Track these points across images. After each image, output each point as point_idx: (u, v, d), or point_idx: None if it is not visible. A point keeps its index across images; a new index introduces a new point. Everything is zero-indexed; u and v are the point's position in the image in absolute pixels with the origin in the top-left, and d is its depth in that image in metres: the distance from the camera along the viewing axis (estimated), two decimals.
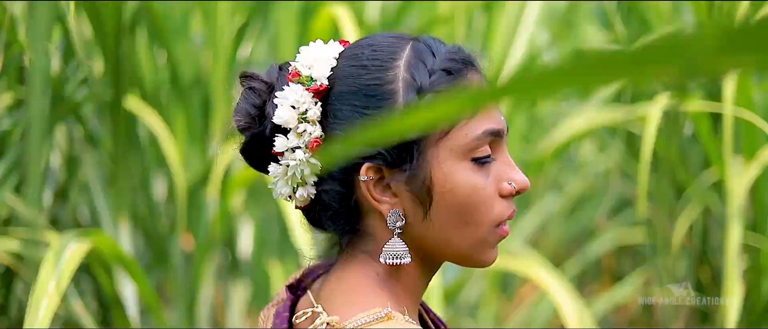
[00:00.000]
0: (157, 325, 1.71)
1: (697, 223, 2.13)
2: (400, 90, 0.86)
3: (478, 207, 0.87)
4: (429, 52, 0.88)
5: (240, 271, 2.01)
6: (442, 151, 0.87)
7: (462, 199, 0.87)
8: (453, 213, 0.87)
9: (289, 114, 0.87)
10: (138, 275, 1.58)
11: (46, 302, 1.23)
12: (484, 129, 0.86)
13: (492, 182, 0.88)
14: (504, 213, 0.89)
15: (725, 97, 1.65)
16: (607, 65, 0.36)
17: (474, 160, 0.87)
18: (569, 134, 2.06)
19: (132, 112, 1.75)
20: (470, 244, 0.89)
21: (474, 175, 0.87)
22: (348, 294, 0.89)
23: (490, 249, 0.91)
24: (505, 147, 0.90)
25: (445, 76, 0.87)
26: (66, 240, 1.36)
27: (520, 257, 1.90)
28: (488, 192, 0.87)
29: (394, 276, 0.90)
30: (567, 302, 1.69)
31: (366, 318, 0.84)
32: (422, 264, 0.91)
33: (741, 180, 1.72)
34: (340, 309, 0.87)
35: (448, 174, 0.87)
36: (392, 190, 0.88)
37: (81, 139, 1.89)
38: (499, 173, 0.88)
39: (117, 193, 1.70)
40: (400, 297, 0.90)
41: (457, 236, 0.88)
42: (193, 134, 1.84)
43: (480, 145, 0.87)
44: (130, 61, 1.71)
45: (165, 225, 1.90)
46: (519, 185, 0.89)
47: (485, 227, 0.88)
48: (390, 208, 0.88)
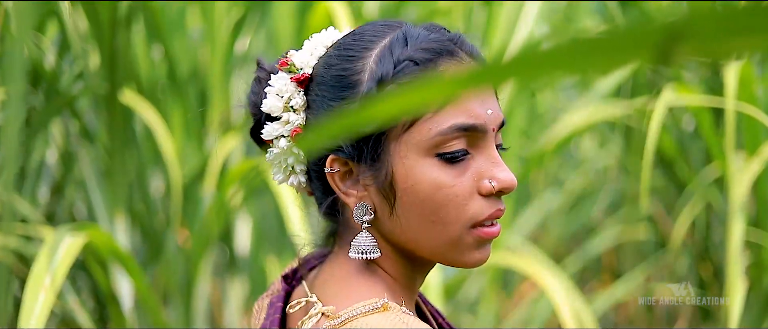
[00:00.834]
0: (153, 322, 1.69)
1: (698, 220, 2.12)
2: (364, 80, 0.84)
3: (445, 206, 0.83)
4: (403, 41, 0.84)
5: (237, 267, 1.99)
6: (405, 146, 0.83)
7: (424, 197, 0.83)
8: (417, 211, 0.84)
9: (274, 102, 0.87)
10: (134, 271, 1.56)
11: (42, 297, 1.21)
12: (450, 124, 0.82)
13: (469, 180, 0.83)
14: (481, 213, 0.83)
15: (727, 91, 1.63)
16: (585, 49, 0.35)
17: (440, 155, 0.82)
18: (569, 129, 2.04)
19: (128, 106, 1.73)
20: (442, 245, 0.85)
21: (439, 172, 0.82)
22: (342, 285, 0.88)
23: (471, 251, 0.85)
24: (489, 142, 0.85)
25: (410, 66, 0.82)
26: (60, 235, 1.34)
27: (519, 254, 1.88)
28: (458, 190, 0.82)
29: (386, 268, 0.88)
30: (566, 300, 1.67)
31: (362, 308, 0.83)
32: (409, 259, 0.88)
33: (743, 175, 1.70)
34: (335, 299, 0.86)
35: (410, 170, 0.83)
36: (361, 183, 0.86)
37: (76, 134, 1.87)
38: (480, 170, 0.84)
39: (113, 188, 1.68)
40: (394, 289, 0.88)
41: (425, 235, 0.85)
42: (190, 128, 1.82)
43: (446, 141, 0.82)
44: (126, 54, 1.69)
45: (162, 220, 1.88)
46: (500, 184, 0.83)
47: (456, 227, 0.83)
48: (357, 201, 0.86)
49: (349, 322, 0.81)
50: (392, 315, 0.82)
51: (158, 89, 1.89)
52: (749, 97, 1.71)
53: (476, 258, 0.86)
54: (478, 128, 0.83)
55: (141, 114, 1.74)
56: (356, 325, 0.81)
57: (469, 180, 0.83)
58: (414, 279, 0.91)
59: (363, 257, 0.86)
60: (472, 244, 0.85)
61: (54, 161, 2.00)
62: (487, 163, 0.84)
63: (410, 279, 0.90)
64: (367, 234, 0.87)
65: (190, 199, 1.82)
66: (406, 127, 0.83)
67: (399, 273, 0.89)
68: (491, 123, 0.84)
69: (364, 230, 0.87)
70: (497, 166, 0.84)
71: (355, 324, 0.81)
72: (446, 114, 0.82)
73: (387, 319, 0.81)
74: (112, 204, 1.75)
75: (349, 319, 0.82)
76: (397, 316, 0.81)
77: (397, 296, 0.87)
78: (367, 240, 0.86)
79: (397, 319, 0.81)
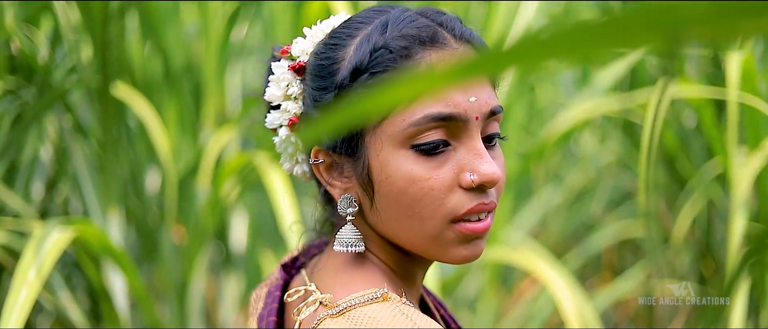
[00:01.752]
0: (147, 320, 1.67)
1: (700, 216, 2.09)
2: (341, 69, 0.82)
3: (420, 200, 0.79)
4: (382, 28, 0.81)
5: (233, 264, 1.97)
6: (379, 138, 0.80)
7: (398, 191, 0.79)
8: (393, 204, 0.81)
9: (274, 91, 0.87)
10: (128, 268, 1.54)
11: (25, 291, 1.18)
12: (424, 113, 0.78)
13: (449, 172, 0.79)
14: (460, 207, 0.79)
15: (730, 83, 1.61)
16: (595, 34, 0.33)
17: (415, 147, 0.79)
18: (569, 124, 2.01)
19: (122, 100, 1.70)
20: (422, 240, 0.81)
21: (413, 165, 0.79)
22: (340, 274, 0.86)
23: (455, 247, 0.81)
24: (472, 133, 0.80)
25: (385, 54, 0.79)
26: (49, 228, 1.31)
27: (520, 250, 1.86)
28: (434, 184, 0.79)
29: (382, 259, 0.86)
30: (568, 297, 1.64)
31: (360, 298, 0.80)
32: (404, 251, 0.86)
33: (745, 170, 1.67)
34: (333, 287, 0.84)
35: (384, 162, 0.80)
36: (345, 175, 0.84)
37: (70, 129, 1.84)
38: (462, 163, 0.80)
39: (106, 183, 1.66)
40: (394, 280, 0.86)
41: (404, 229, 0.82)
42: (185, 122, 1.79)
43: (420, 132, 0.78)
44: (119, 47, 1.66)
45: (156, 216, 1.85)
46: (481, 177, 0.79)
47: (434, 222, 0.80)
48: (341, 193, 0.85)
49: (348, 311, 0.79)
50: (392, 305, 0.79)
51: (152, 83, 1.86)
52: (752, 91, 1.68)
53: (462, 254, 0.82)
54: (456, 117, 0.79)
55: (135, 108, 1.72)
56: (355, 315, 0.78)
57: (450, 173, 0.79)
58: (413, 271, 0.88)
59: (347, 250, 0.84)
60: (454, 240, 0.81)
61: (48, 157, 1.98)
62: (469, 154, 0.80)
63: (409, 271, 0.88)
64: (352, 227, 0.85)
65: (185, 195, 1.80)
66: (380, 119, 0.80)
67: (397, 265, 0.87)
68: (474, 111, 0.79)
69: (348, 222, 0.85)
70: (479, 158, 0.79)
71: (353, 313, 0.78)
72: (421, 103, 0.78)
73: (387, 309, 0.78)
74: (105, 200, 1.72)
75: (347, 309, 0.79)
76: (397, 307, 0.79)
77: (396, 287, 0.85)
78: (349, 233, 0.84)
79: (397, 310, 0.78)
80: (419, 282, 0.90)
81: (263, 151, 1.56)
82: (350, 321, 0.77)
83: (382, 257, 0.87)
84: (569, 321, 1.60)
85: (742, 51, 1.69)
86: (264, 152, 1.55)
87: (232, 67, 1.88)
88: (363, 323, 0.76)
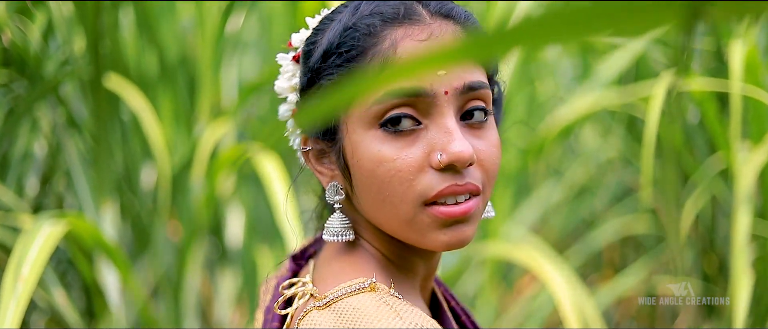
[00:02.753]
0: (141, 317, 1.64)
1: (703, 212, 2.07)
2: (315, 52, 0.80)
3: (389, 182, 0.75)
4: (355, 9, 0.79)
5: (228, 260, 1.94)
6: (351, 120, 0.78)
7: (369, 173, 0.76)
8: (366, 188, 0.78)
9: (282, 83, 0.87)
10: (121, 263, 1.51)
11: (20, 286, 1.15)
12: (387, 90, 0.74)
13: (419, 152, 0.76)
14: (430, 189, 0.75)
15: (733, 75, 1.58)
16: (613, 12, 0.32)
17: (383, 126, 0.76)
18: (570, 118, 1.99)
19: (115, 92, 1.67)
20: (399, 225, 0.78)
21: (381, 145, 0.76)
22: (332, 264, 0.84)
23: (432, 232, 0.77)
24: (443, 109, 0.76)
25: (352, 33, 0.77)
26: (40, 222, 1.28)
27: (520, 246, 1.83)
28: (401, 165, 0.75)
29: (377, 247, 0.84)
30: (569, 294, 1.61)
31: (347, 288, 0.78)
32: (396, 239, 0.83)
33: (749, 166, 1.65)
34: (326, 278, 0.82)
35: (356, 145, 0.78)
36: (331, 162, 0.83)
37: (63, 124, 1.81)
38: (433, 142, 0.76)
39: (99, 176, 1.63)
40: (388, 269, 0.83)
41: (381, 215, 0.79)
42: (179, 115, 1.76)
43: (385, 110, 0.75)
44: (113, 39, 1.63)
45: (150, 211, 1.82)
46: (449, 157, 0.74)
47: (406, 206, 0.76)
48: (329, 181, 0.83)
49: (334, 303, 0.77)
50: (378, 296, 0.76)
51: (147, 75, 1.83)
52: (755, 83, 1.66)
53: (441, 240, 0.77)
54: (421, 92, 0.75)
55: (129, 101, 1.69)
56: (340, 306, 0.76)
57: (419, 153, 0.76)
58: (410, 260, 0.86)
59: (335, 239, 0.82)
60: (431, 225, 0.77)
61: (42, 152, 1.95)
62: (439, 133, 0.76)
63: (405, 259, 0.85)
64: (340, 215, 0.83)
65: (179, 189, 1.77)
66: None
67: (391, 253, 0.85)
68: (443, 86, 0.76)
69: (336, 211, 0.83)
70: (448, 136, 0.75)
71: (339, 305, 0.76)
72: None
73: (372, 300, 0.75)
74: (98, 195, 1.69)
75: (334, 300, 0.77)
76: (383, 297, 0.76)
77: (391, 276, 0.82)
78: (337, 222, 0.82)
79: (381, 301, 0.75)
80: (422, 272, 0.87)
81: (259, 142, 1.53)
82: (335, 313, 0.75)
83: (376, 245, 0.84)
84: (569, 320, 1.57)
85: (746, 43, 1.66)
86: (260, 144, 1.52)
87: (227, 59, 1.85)
88: (347, 314, 0.74)
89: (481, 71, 0.80)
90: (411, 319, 0.72)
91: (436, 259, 0.88)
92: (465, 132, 0.78)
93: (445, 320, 0.91)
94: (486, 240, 1.98)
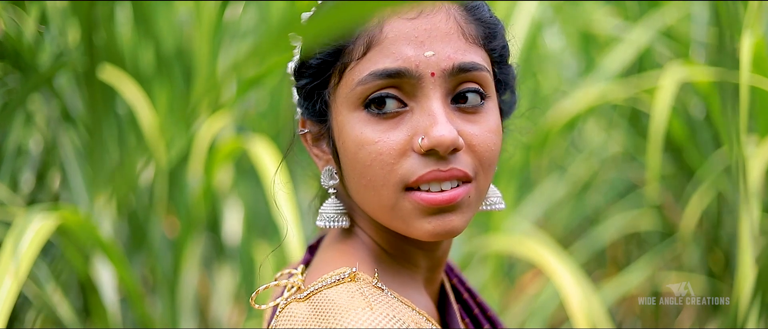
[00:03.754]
0: (137, 315, 1.60)
1: (709, 208, 2.03)
2: None
3: (370, 165, 0.73)
4: None
5: (226, 256, 1.90)
6: (338, 102, 0.76)
7: (352, 156, 0.74)
8: (350, 172, 0.76)
9: (292, 64, 0.85)
10: (117, 259, 1.47)
11: (8, 281, 1.11)
12: (370, 70, 0.73)
13: (402, 136, 0.73)
14: (411, 173, 0.72)
15: (742, 65, 1.55)
16: None
17: (367, 108, 0.73)
18: (573, 111, 1.95)
19: (110, 84, 1.63)
20: (382, 211, 0.75)
21: (364, 127, 0.73)
22: (325, 252, 0.82)
23: (416, 220, 0.74)
24: (428, 91, 0.73)
25: None
26: (31, 215, 1.25)
27: (525, 240, 1.79)
28: (382, 148, 0.73)
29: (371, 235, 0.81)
30: (574, 290, 1.57)
31: (328, 279, 0.75)
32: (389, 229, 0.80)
33: (755, 160, 1.61)
34: (317, 267, 0.80)
35: (341, 126, 0.76)
36: (327, 145, 0.81)
37: (58, 117, 1.78)
38: (417, 126, 0.73)
39: (94, 170, 1.59)
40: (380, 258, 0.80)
41: (365, 200, 0.76)
42: (176, 108, 1.72)
43: (368, 91, 0.73)
44: (109, 31, 1.60)
45: (146, 206, 1.79)
46: (430, 141, 0.71)
47: (388, 190, 0.73)
48: (325, 165, 0.82)
49: (314, 294, 0.74)
50: (354, 286, 0.74)
51: (143, 66, 1.80)
52: (763, 75, 1.62)
53: (425, 229, 0.74)
54: (406, 73, 0.72)
55: (124, 93, 1.65)
56: (317, 298, 0.73)
57: (402, 137, 0.73)
58: (407, 250, 0.82)
59: (328, 225, 0.80)
60: (414, 212, 0.74)
61: (38, 146, 1.91)
62: (423, 116, 0.73)
63: (402, 249, 0.82)
64: (334, 200, 0.80)
65: (176, 184, 1.73)
66: (337, 81, 0.75)
67: (386, 242, 0.81)
68: (430, 67, 0.73)
69: (331, 196, 0.81)
70: (431, 120, 0.72)
71: (318, 296, 0.74)
72: (369, 60, 0.73)
73: (348, 291, 0.73)
74: (93, 189, 1.66)
75: (314, 292, 0.75)
76: (360, 288, 0.73)
77: (378, 266, 0.79)
78: (331, 208, 0.80)
79: (357, 291, 0.73)
80: (425, 263, 0.84)
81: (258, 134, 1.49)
82: (311, 305, 0.73)
83: (371, 234, 0.81)
84: (576, 317, 1.54)
85: (753, 34, 1.63)
86: (258, 136, 1.48)
87: (225, 50, 1.81)
88: (322, 306, 0.72)
89: (478, 52, 0.77)
90: (382, 310, 0.70)
91: (441, 251, 0.85)
92: (456, 116, 0.75)
93: (451, 316, 0.87)
94: (489, 235, 1.95)
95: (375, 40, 0.73)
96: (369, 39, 0.73)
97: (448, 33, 0.74)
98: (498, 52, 0.81)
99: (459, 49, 0.74)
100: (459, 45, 0.75)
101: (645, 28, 2.02)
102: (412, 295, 0.80)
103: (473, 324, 0.91)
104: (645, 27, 2.02)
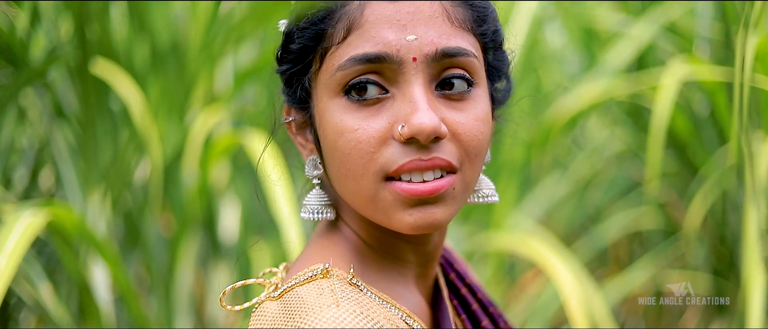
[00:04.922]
0: (132, 314, 1.57)
1: (713, 205, 2.01)
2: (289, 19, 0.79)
3: (349, 154, 0.70)
4: None
5: (222, 255, 1.87)
6: (319, 88, 0.73)
7: (331, 144, 0.72)
8: (330, 160, 0.73)
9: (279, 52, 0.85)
10: (111, 258, 1.45)
11: None
12: (350, 55, 0.70)
13: (382, 123, 0.70)
14: (392, 162, 0.70)
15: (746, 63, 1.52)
16: None
17: (347, 94, 0.71)
18: (575, 109, 1.93)
19: (104, 79, 1.61)
20: (363, 202, 0.73)
21: (344, 114, 0.71)
22: (307, 247, 0.80)
23: (397, 212, 0.71)
24: (410, 77, 0.70)
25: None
26: (20, 212, 1.22)
27: (526, 239, 1.76)
28: (362, 136, 0.70)
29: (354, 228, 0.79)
30: (575, 290, 1.55)
31: (302, 276, 0.73)
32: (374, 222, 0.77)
33: (762, 157, 1.58)
34: (298, 262, 0.78)
35: (321, 113, 0.73)
36: (311, 134, 0.79)
37: (51, 113, 1.75)
38: (398, 113, 0.70)
39: (87, 167, 1.56)
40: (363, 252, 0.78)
41: (346, 190, 0.74)
42: (171, 103, 1.69)
43: (347, 77, 0.70)
44: (101, 22, 1.57)
45: (141, 203, 1.76)
46: (409, 129, 0.69)
47: (367, 180, 0.71)
48: (309, 154, 0.79)
49: (287, 292, 0.72)
50: (326, 283, 0.71)
51: (137, 61, 1.77)
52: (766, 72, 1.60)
53: (406, 221, 0.71)
54: (386, 58, 0.70)
55: (118, 88, 1.62)
56: (289, 296, 0.71)
57: (383, 124, 0.70)
58: (393, 244, 0.79)
59: (312, 217, 0.77)
60: (394, 203, 0.71)
61: (30, 143, 1.88)
62: (405, 103, 0.70)
63: (386, 243, 0.79)
64: (318, 191, 0.78)
65: (171, 180, 1.71)
66: (318, 66, 0.73)
67: (370, 236, 0.78)
68: (411, 52, 0.70)
69: (315, 187, 0.78)
70: (412, 107, 0.69)
71: (290, 294, 0.72)
72: (350, 45, 0.70)
73: (318, 288, 0.71)
74: (86, 186, 1.63)
75: (287, 289, 0.73)
76: (331, 285, 0.71)
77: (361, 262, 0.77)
78: (314, 199, 0.77)
79: (328, 289, 0.70)
80: (414, 258, 0.80)
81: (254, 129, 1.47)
82: (282, 304, 0.71)
83: (354, 227, 0.78)
84: (576, 318, 1.51)
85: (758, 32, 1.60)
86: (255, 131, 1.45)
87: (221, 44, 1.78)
88: (291, 305, 0.70)
89: (465, 37, 0.73)
90: (349, 307, 0.67)
91: (431, 245, 0.81)
92: (441, 103, 0.72)
93: (442, 313, 0.84)
94: (490, 233, 1.93)
95: (355, 23, 0.70)
96: (349, 22, 0.70)
97: (432, 16, 0.71)
98: (489, 36, 0.77)
99: (443, 33, 0.71)
100: (444, 29, 0.71)
101: (648, 23, 1.99)
102: (398, 291, 0.77)
103: (470, 320, 0.87)
104: (648, 22, 2.00)
